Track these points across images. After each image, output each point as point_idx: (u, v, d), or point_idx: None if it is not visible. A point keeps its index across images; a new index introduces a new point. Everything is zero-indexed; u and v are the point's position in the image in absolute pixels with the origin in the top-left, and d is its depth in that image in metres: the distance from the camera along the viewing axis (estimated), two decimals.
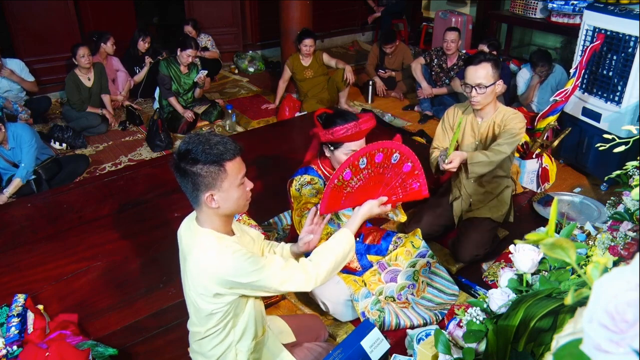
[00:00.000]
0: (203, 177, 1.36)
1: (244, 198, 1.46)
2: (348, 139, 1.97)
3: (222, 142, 1.39)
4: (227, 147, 1.38)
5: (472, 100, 2.40)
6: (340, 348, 1.68)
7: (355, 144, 1.99)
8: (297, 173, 2.17)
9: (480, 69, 2.33)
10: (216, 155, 1.35)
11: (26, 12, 4.86)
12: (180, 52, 4.29)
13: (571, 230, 1.04)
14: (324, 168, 2.17)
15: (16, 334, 1.88)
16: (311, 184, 2.12)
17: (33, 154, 3.37)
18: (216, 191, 1.38)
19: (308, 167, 2.17)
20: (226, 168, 1.37)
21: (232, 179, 1.39)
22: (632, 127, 1.52)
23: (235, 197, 1.42)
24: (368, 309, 2.09)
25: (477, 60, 2.35)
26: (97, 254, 2.58)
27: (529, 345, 0.95)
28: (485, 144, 2.53)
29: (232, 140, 1.42)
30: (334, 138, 1.96)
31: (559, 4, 4.58)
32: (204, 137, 1.39)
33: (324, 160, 2.16)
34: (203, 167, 1.35)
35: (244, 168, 1.44)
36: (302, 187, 2.13)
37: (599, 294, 0.47)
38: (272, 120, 4.72)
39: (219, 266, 1.39)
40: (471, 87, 2.36)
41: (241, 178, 1.42)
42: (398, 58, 5.21)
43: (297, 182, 2.14)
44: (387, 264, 2.26)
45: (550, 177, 3.30)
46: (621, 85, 3.03)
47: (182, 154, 1.37)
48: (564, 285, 1.01)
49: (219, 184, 1.38)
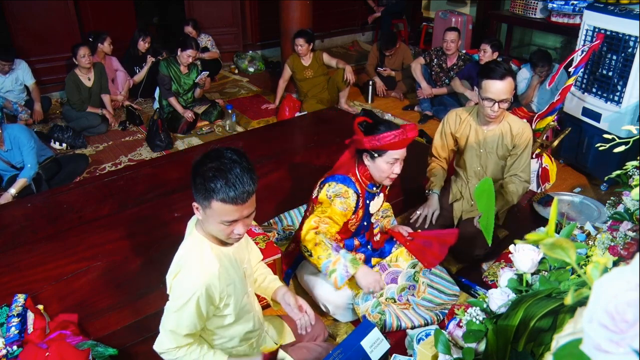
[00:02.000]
0: (196, 189, 1.32)
1: (224, 235, 1.37)
2: (394, 147, 1.94)
3: (234, 177, 1.27)
4: (230, 187, 1.26)
5: (492, 115, 2.34)
6: (340, 348, 1.67)
7: (398, 152, 1.96)
8: (335, 178, 2.08)
9: (505, 83, 2.26)
10: (211, 189, 1.27)
11: (26, 12, 4.86)
12: (180, 52, 4.29)
13: (571, 230, 1.04)
14: (362, 179, 2.10)
15: (16, 334, 1.88)
16: (344, 197, 2.05)
17: (35, 154, 3.38)
18: (201, 208, 1.34)
19: (347, 177, 2.07)
20: (211, 205, 1.29)
21: (215, 216, 1.31)
22: (632, 127, 1.52)
23: (214, 229, 1.37)
24: (369, 312, 2.09)
25: (500, 75, 2.25)
26: (97, 254, 2.58)
27: (529, 345, 0.95)
28: (490, 152, 2.52)
29: (247, 183, 1.28)
30: (380, 145, 1.92)
31: (559, 4, 4.58)
32: (226, 159, 1.28)
33: (362, 169, 2.09)
34: (199, 182, 1.29)
35: (239, 214, 1.32)
36: (335, 196, 2.05)
37: (599, 294, 0.47)
38: (272, 120, 4.72)
39: (181, 272, 1.40)
40: (494, 102, 2.29)
41: (227, 221, 1.32)
42: (398, 58, 5.21)
43: (332, 189, 2.06)
44: (388, 265, 2.25)
45: (551, 177, 3.30)
46: (621, 85, 3.03)
47: (196, 162, 1.33)
48: (564, 285, 1.01)
49: (203, 208, 1.33)
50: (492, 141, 2.49)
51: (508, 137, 2.46)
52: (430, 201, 2.60)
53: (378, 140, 1.92)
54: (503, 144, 2.48)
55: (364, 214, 2.18)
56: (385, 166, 1.99)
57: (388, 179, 2.04)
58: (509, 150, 2.49)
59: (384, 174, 2.01)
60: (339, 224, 2.07)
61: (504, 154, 2.51)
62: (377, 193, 2.19)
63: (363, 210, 2.15)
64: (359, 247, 2.29)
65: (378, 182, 2.12)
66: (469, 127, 2.53)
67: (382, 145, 1.93)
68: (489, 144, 2.49)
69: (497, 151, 2.50)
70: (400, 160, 2.00)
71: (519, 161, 2.48)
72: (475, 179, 2.61)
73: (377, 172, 2.03)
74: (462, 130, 2.56)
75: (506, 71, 2.27)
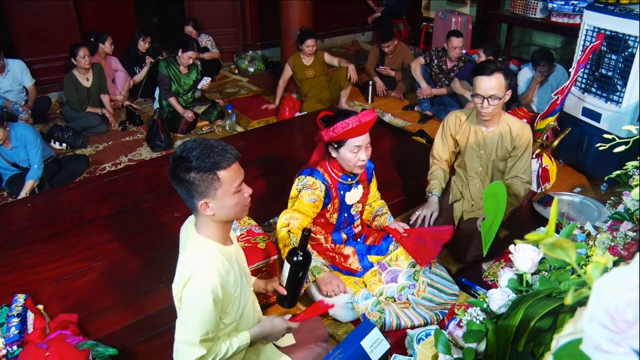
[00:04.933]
0: (197, 186, 1.33)
1: (241, 205, 1.42)
2: (351, 134, 1.95)
3: (217, 149, 1.34)
4: (222, 155, 1.33)
5: (483, 112, 2.33)
6: (340, 348, 1.67)
7: (358, 139, 1.98)
8: (303, 172, 2.14)
9: (493, 79, 2.24)
10: (210, 164, 1.31)
11: (26, 12, 4.86)
12: (181, 53, 4.29)
13: (571, 230, 1.04)
14: (333, 170, 2.13)
15: (16, 334, 1.88)
16: (312, 188, 2.09)
17: (41, 154, 3.40)
18: (210, 199, 1.35)
19: (315, 169, 2.12)
20: (220, 177, 1.33)
21: (226, 187, 1.35)
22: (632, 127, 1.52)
23: (231, 205, 1.39)
24: (369, 311, 2.09)
25: (489, 71, 2.24)
26: (97, 254, 2.58)
27: (529, 345, 0.95)
28: (489, 153, 2.51)
29: (229, 147, 1.37)
30: (336, 135, 1.95)
31: (559, 4, 4.58)
32: (199, 143, 1.34)
33: (332, 162, 2.13)
34: (196, 175, 1.32)
35: (242, 174, 1.40)
36: (303, 188, 2.10)
37: (599, 294, 0.47)
38: (272, 120, 4.72)
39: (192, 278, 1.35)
40: (483, 98, 2.29)
41: (237, 186, 1.37)
42: (398, 58, 5.21)
43: (300, 182, 2.12)
44: (388, 265, 2.26)
45: (551, 177, 3.30)
46: (621, 85, 3.03)
47: (177, 160, 1.34)
48: (564, 285, 1.01)
49: (213, 193, 1.34)
50: (491, 142, 2.49)
51: (507, 139, 2.46)
52: (430, 202, 2.60)
53: (333, 130, 1.94)
54: (503, 146, 2.48)
55: (340, 205, 2.19)
56: (349, 155, 2.00)
57: (357, 167, 2.05)
58: (509, 152, 2.49)
59: (351, 162, 2.03)
60: (310, 215, 2.13)
61: (504, 155, 2.51)
62: (354, 184, 2.20)
63: (338, 200, 2.17)
64: (347, 240, 2.31)
65: (350, 173, 2.13)
66: (468, 128, 2.53)
67: (338, 134, 1.95)
68: (489, 145, 2.49)
69: (497, 152, 2.50)
70: (364, 147, 2.01)
71: (519, 163, 2.48)
72: (476, 178, 2.61)
73: (344, 162, 2.05)
74: (462, 132, 2.56)
75: (496, 68, 2.26)
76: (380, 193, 2.49)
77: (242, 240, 2.29)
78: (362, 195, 2.27)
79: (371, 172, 2.32)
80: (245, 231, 2.35)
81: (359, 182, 2.23)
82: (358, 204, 2.27)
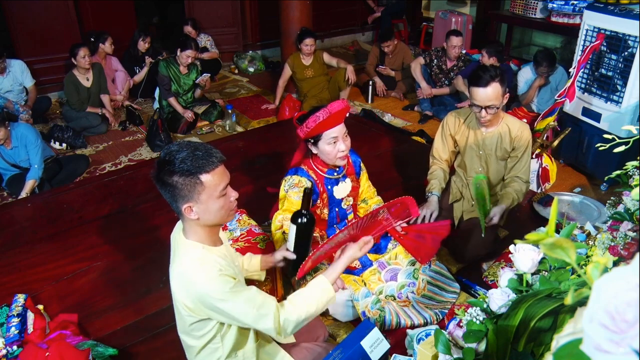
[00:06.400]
0: (180, 189, 1.32)
1: (226, 209, 1.40)
2: (325, 126, 1.97)
3: (202, 152, 1.32)
4: (206, 158, 1.31)
5: (483, 120, 2.36)
6: (340, 348, 1.67)
7: (333, 130, 1.99)
8: (288, 173, 2.17)
9: (489, 90, 2.24)
10: (193, 167, 1.30)
11: (26, 12, 4.86)
12: (180, 52, 4.29)
13: (571, 230, 1.04)
14: (317, 167, 2.15)
15: (16, 334, 1.88)
16: (298, 186, 2.10)
17: (41, 154, 3.40)
18: (194, 203, 1.33)
19: (298, 168, 2.15)
20: (203, 180, 1.31)
21: (210, 191, 1.33)
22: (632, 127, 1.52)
23: (216, 209, 1.36)
24: (368, 309, 2.10)
25: (485, 82, 2.24)
26: (97, 254, 2.58)
27: (529, 345, 0.95)
28: (489, 154, 2.52)
29: (214, 150, 1.35)
30: (310, 130, 1.96)
31: (559, 4, 4.58)
32: (184, 147, 1.33)
33: (315, 159, 2.15)
34: (179, 179, 1.30)
35: (227, 178, 1.38)
36: (289, 188, 2.12)
37: (599, 294, 0.47)
38: (272, 120, 4.72)
39: (197, 284, 1.33)
40: (481, 108, 2.31)
41: (222, 190, 1.35)
42: (398, 58, 5.21)
43: (287, 183, 2.13)
44: (387, 263, 2.26)
45: (551, 177, 3.30)
46: (621, 85, 3.03)
47: (160, 164, 1.33)
48: (564, 285, 1.01)
49: (197, 197, 1.33)
50: (491, 143, 2.49)
51: (507, 139, 2.46)
52: (430, 202, 2.60)
53: (306, 126, 1.95)
54: (502, 146, 2.48)
55: (329, 200, 2.21)
56: (327, 147, 2.01)
57: (338, 159, 2.06)
58: (509, 152, 2.50)
59: (331, 154, 2.04)
60: None
61: (504, 155, 2.51)
62: (341, 178, 2.21)
63: (327, 195, 2.19)
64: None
65: (334, 166, 2.15)
66: (468, 128, 2.53)
67: (312, 129, 1.95)
68: (488, 145, 2.50)
69: (497, 153, 2.51)
70: (341, 137, 2.01)
71: (519, 163, 2.49)
72: None
73: (325, 156, 2.06)
74: (461, 132, 2.56)
75: (491, 78, 2.25)
76: (380, 193, 2.49)
77: (242, 240, 2.29)
78: (352, 189, 2.27)
79: (359, 166, 2.33)
80: (245, 231, 2.35)
81: (346, 176, 2.24)
82: (348, 197, 2.28)
